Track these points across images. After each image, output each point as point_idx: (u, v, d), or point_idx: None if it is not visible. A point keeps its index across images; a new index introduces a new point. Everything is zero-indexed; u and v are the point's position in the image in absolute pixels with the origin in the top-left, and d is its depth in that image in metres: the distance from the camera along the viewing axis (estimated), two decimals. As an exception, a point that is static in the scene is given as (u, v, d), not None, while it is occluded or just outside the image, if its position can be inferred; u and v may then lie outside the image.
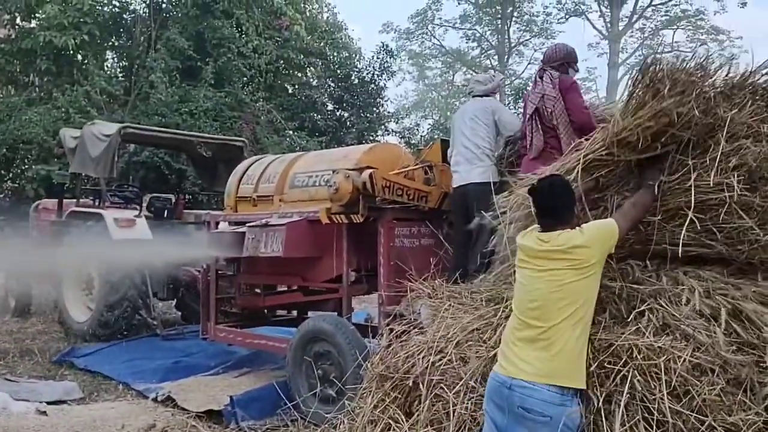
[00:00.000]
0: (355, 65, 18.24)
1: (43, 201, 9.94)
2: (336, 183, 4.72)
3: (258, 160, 6.36)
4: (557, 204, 2.74)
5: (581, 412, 2.59)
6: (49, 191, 11.86)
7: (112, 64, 16.93)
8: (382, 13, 63.33)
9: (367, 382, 3.60)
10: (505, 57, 32.51)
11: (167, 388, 5.46)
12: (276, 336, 5.84)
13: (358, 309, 7.42)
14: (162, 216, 8.49)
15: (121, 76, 15.71)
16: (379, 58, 18.11)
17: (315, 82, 17.97)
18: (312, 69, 17.94)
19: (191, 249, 6.73)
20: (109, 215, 7.41)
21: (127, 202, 8.39)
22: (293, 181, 5.65)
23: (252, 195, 5.94)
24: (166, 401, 5.26)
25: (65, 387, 5.71)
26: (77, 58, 15.09)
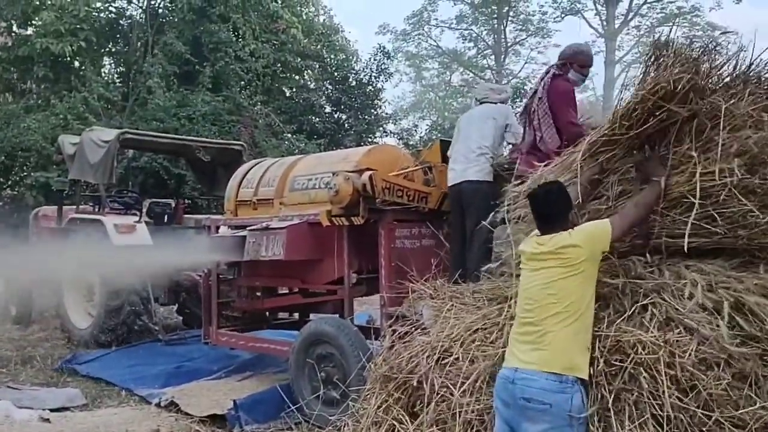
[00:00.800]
0: (352, 67, 18.28)
1: (43, 208, 9.93)
2: (336, 185, 4.72)
3: (257, 164, 6.36)
4: (552, 210, 2.87)
5: (584, 401, 2.60)
6: (49, 198, 11.85)
7: (109, 70, 16.97)
8: (378, 15, 63.36)
9: (370, 383, 3.60)
10: (502, 57, 32.54)
11: (170, 393, 5.46)
12: (278, 339, 5.82)
13: (360, 311, 7.42)
14: (162, 221, 8.49)
15: (119, 82, 15.73)
16: (376, 60, 18.14)
17: (312, 85, 18.00)
18: (309, 72, 17.96)
19: (192, 254, 6.71)
20: (109, 221, 7.41)
21: (127, 208, 8.40)
22: (293, 184, 5.64)
23: (252, 198, 5.94)
24: (169, 406, 5.26)
25: (68, 394, 5.69)
26: (74, 65, 15.09)
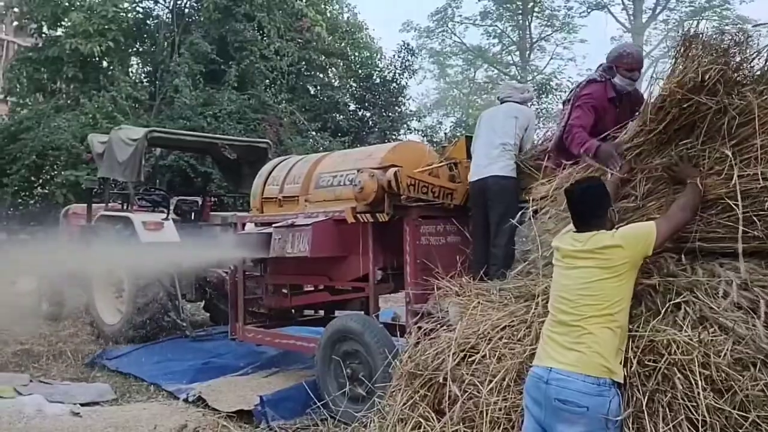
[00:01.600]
0: (376, 65, 18.27)
1: (73, 206, 10.09)
2: (361, 182, 4.71)
3: (283, 161, 6.38)
4: (590, 208, 2.80)
5: (621, 404, 2.55)
6: (78, 196, 12.04)
7: (136, 69, 17.19)
8: (402, 12, 63.29)
9: (396, 380, 3.58)
10: (527, 53, 32.25)
11: (198, 388, 5.50)
12: (304, 335, 5.85)
13: (385, 308, 7.42)
14: (189, 218, 8.58)
15: (146, 81, 15.94)
16: (400, 57, 18.11)
17: (337, 83, 18.03)
18: (334, 69, 18.01)
19: (218, 251, 6.77)
20: (137, 219, 7.50)
21: (155, 206, 8.49)
22: (318, 181, 5.65)
23: (278, 196, 5.96)
24: (196, 402, 5.30)
25: (98, 389, 5.78)
26: (103, 65, 15.33)
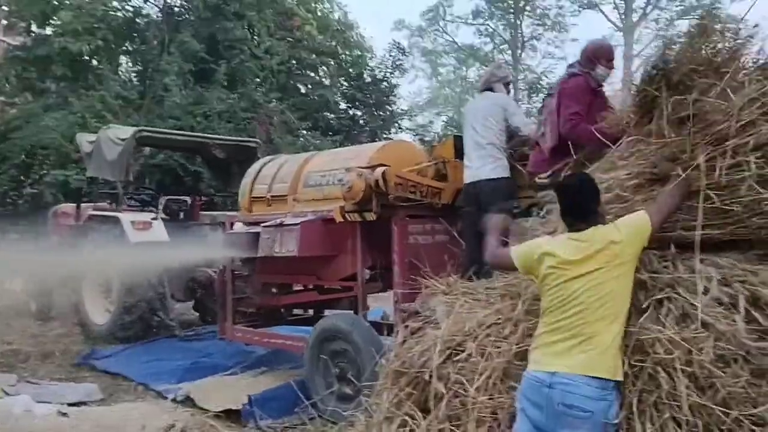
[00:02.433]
0: (367, 64, 18.27)
1: (62, 206, 10.02)
2: (349, 181, 4.72)
3: (271, 161, 6.38)
4: (586, 202, 2.73)
5: (620, 406, 2.57)
6: (67, 196, 12.00)
7: (126, 68, 17.10)
8: (393, 11, 63.21)
9: (382, 378, 3.58)
10: (518, 51, 32.32)
11: (186, 388, 5.49)
12: (293, 335, 5.85)
13: (375, 307, 7.42)
14: (178, 218, 8.55)
15: (136, 81, 15.86)
16: (391, 56, 18.15)
17: (327, 82, 18.03)
18: (324, 68, 18.02)
19: (207, 250, 6.78)
20: (126, 218, 7.48)
21: (144, 205, 8.47)
22: (307, 180, 5.65)
23: (266, 195, 5.96)
24: (185, 401, 5.30)
25: (86, 389, 5.76)
26: (92, 64, 15.26)
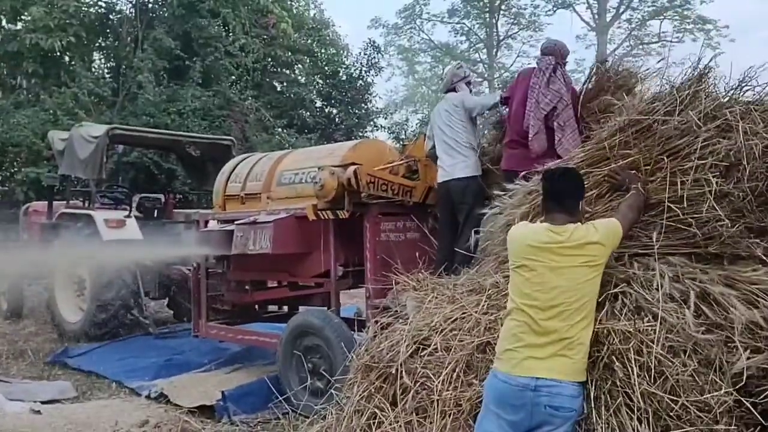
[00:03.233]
0: (342, 62, 18.32)
1: (33, 203, 9.97)
2: (321, 180, 4.79)
3: (245, 159, 6.42)
4: (569, 192, 2.80)
5: None
6: (40, 194, 11.88)
7: (99, 65, 16.93)
8: (369, 9, 63.09)
9: (353, 372, 3.67)
10: (494, 50, 32.59)
11: (160, 385, 5.53)
12: (266, 332, 5.91)
13: (349, 304, 7.51)
14: (152, 216, 8.54)
15: (109, 77, 15.72)
16: (366, 55, 18.20)
17: (303, 80, 18.06)
18: (300, 66, 18.06)
19: (181, 248, 6.80)
20: (99, 216, 7.46)
21: (117, 203, 8.44)
22: (280, 178, 5.71)
23: (240, 193, 6.00)
24: (158, 398, 5.32)
25: (59, 386, 5.76)
26: (64, 60, 15.10)
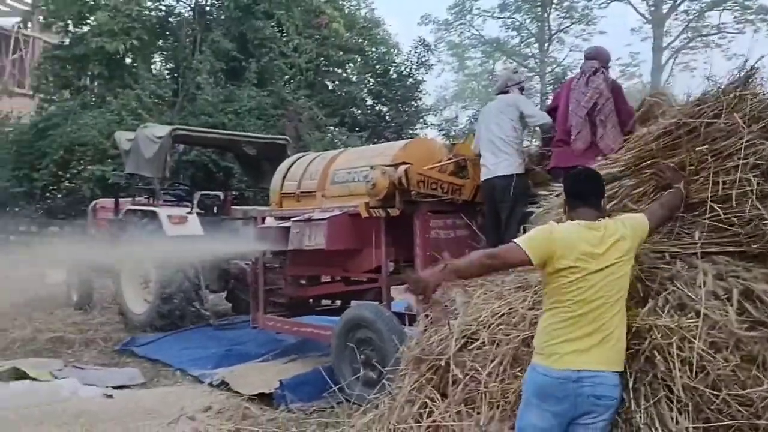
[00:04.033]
0: (393, 60, 18.48)
1: (101, 200, 10.43)
2: (373, 179, 4.98)
3: (300, 158, 6.64)
4: (593, 189, 2.85)
5: None
6: (104, 190, 12.45)
7: (159, 66, 17.55)
8: (419, 6, 63.05)
9: (404, 364, 3.83)
10: (546, 45, 32.19)
11: (221, 373, 5.82)
12: (320, 324, 6.12)
13: (399, 298, 7.68)
14: (212, 212, 8.87)
15: (168, 79, 16.30)
16: (416, 53, 18.30)
17: (354, 78, 18.29)
18: (351, 65, 18.28)
19: (240, 243, 7.06)
20: (164, 212, 7.81)
21: (179, 200, 8.83)
22: (334, 177, 5.91)
23: (296, 191, 6.23)
24: (220, 386, 5.62)
25: (128, 373, 6.13)
26: (126, 62, 15.72)
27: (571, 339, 2.67)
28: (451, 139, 15.80)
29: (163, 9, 16.59)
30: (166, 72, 17.10)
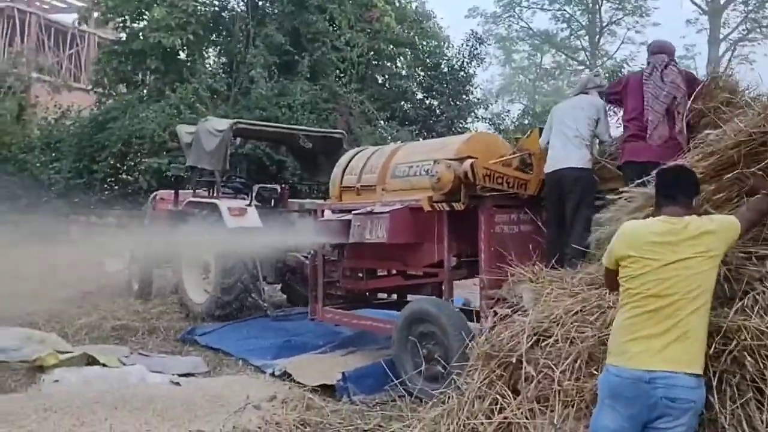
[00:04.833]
0: (444, 54, 18.38)
1: (160, 192, 10.62)
2: (438, 173, 4.96)
3: (360, 152, 6.68)
4: (683, 187, 2.81)
5: None
6: (161, 182, 12.73)
7: (214, 61, 17.84)
8: (467, -1, 62.36)
9: (473, 360, 3.83)
10: (596, 37, 31.57)
11: (282, 364, 5.89)
12: (380, 317, 6.16)
13: (455, 294, 7.65)
14: (269, 205, 8.99)
15: (223, 73, 16.56)
16: (468, 46, 18.16)
17: (405, 72, 18.26)
18: (402, 59, 18.25)
19: (297, 236, 7.15)
20: (224, 205, 7.94)
21: (236, 192, 8.97)
22: (395, 171, 5.92)
23: (356, 185, 6.27)
24: (282, 376, 5.70)
25: (192, 361, 6.26)
26: (182, 57, 16.03)
27: (644, 336, 2.62)
28: (502, 133, 15.67)
29: (217, 4, 16.86)
30: (220, 66, 17.38)
